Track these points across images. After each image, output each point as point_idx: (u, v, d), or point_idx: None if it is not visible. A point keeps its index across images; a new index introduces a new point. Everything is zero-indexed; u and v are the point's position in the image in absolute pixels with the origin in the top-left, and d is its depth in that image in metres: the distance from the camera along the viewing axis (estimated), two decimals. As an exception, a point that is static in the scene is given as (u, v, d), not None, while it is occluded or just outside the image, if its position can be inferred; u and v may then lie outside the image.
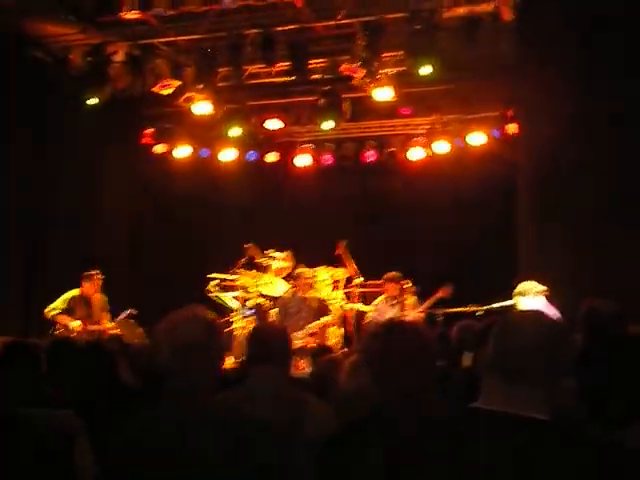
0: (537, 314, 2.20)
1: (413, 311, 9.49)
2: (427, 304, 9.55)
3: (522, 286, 7.48)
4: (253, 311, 10.15)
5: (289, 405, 3.37)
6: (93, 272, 9.50)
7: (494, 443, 1.92)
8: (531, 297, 7.30)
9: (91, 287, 9.47)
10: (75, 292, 9.43)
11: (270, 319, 9.66)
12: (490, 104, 11.10)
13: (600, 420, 2.32)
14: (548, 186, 8.33)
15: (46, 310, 9.28)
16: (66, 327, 9.21)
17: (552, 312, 7.05)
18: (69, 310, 9.33)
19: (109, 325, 9.46)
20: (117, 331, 9.15)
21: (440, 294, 9.52)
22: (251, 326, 9.40)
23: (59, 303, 9.32)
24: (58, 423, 2.87)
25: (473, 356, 4.72)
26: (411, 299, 9.64)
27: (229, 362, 8.28)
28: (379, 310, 9.58)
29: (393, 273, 9.66)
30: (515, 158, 9.13)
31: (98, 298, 9.56)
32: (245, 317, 10.08)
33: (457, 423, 2.05)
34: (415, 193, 11.82)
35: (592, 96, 7.80)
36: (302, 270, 9.65)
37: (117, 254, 11.60)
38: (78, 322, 9.25)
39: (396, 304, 9.56)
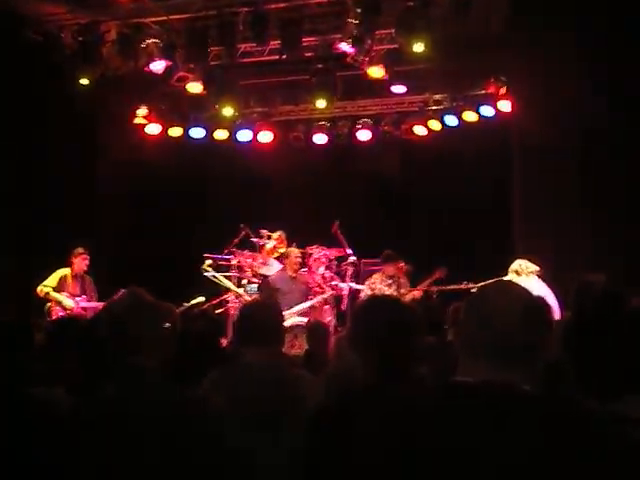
0: (510, 286, 2.12)
1: (410, 290, 9.47)
2: (424, 285, 9.53)
3: (516, 265, 7.54)
4: (256, 289, 10.04)
5: (283, 383, 3.37)
6: (82, 250, 9.59)
7: (473, 415, 1.89)
8: (524, 276, 7.36)
9: (81, 265, 9.58)
10: (66, 271, 9.53)
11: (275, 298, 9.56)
12: (483, 81, 11.03)
13: (592, 393, 2.32)
14: (543, 165, 8.33)
15: (38, 288, 9.37)
16: (60, 305, 9.32)
17: (544, 290, 7.10)
18: (60, 288, 9.43)
19: (100, 303, 9.49)
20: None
21: (437, 275, 9.51)
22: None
23: (50, 281, 9.41)
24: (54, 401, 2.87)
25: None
26: (404, 279, 9.61)
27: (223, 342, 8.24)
28: (374, 289, 9.54)
29: (389, 252, 9.60)
30: (510, 136, 9.10)
31: (87, 276, 9.69)
32: (250, 294, 9.94)
33: (434, 395, 2.02)
34: (410, 172, 11.77)
35: (587, 72, 7.79)
36: (291, 249, 9.61)
37: (111, 235, 11.58)
38: (71, 300, 9.38)
39: (392, 283, 9.52)
